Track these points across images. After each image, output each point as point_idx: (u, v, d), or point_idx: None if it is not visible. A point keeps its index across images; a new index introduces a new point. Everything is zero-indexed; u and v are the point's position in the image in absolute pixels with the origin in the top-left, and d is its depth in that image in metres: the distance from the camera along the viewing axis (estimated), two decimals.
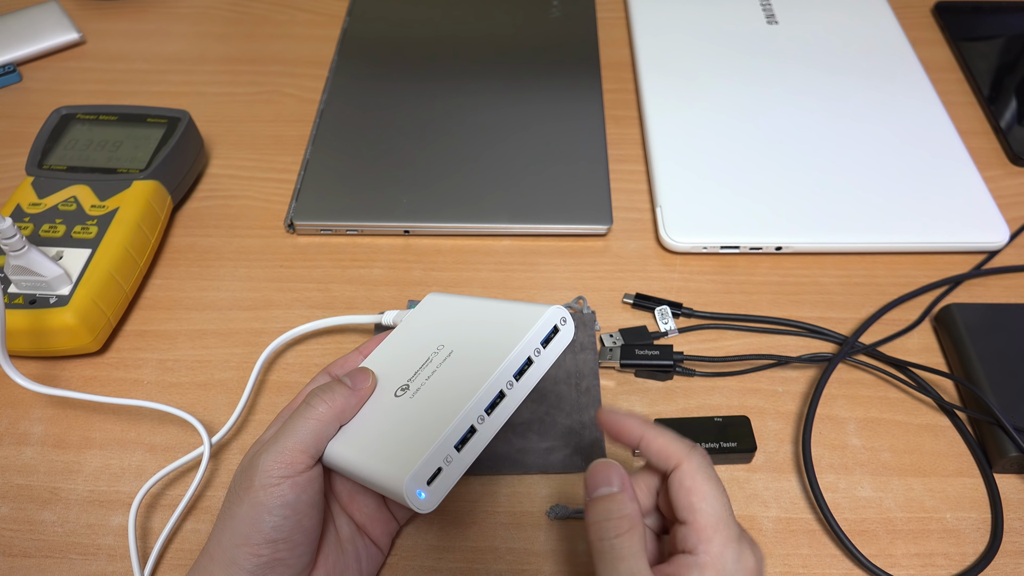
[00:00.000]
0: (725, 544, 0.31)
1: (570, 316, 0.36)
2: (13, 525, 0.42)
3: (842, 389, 0.47)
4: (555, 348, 0.36)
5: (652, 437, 0.34)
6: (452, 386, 0.35)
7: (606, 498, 0.32)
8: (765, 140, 0.58)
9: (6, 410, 0.47)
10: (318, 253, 0.54)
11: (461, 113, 0.61)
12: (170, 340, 0.50)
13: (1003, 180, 0.58)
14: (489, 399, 0.34)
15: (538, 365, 0.35)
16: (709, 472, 0.32)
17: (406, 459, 0.32)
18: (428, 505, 0.32)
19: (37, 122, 0.61)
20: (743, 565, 0.31)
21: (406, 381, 0.37)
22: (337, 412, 0.36)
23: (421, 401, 0.35)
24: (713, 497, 0.32)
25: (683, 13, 0.69)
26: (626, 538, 0.31)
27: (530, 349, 0.35)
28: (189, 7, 0.74)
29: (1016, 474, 0.44)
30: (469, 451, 0.33)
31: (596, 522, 0.32)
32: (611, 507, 0.32)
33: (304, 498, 0.34)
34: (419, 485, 0.32)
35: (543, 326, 0.35)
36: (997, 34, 0.69)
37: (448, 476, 0.33)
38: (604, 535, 0.31)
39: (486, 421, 0.34)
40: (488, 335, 0.36)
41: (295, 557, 0.34)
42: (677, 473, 0.32)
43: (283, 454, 0.34)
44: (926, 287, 0.52)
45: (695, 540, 0.31)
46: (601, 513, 0.32)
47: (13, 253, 0.44)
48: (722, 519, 0.31)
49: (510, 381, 0.34)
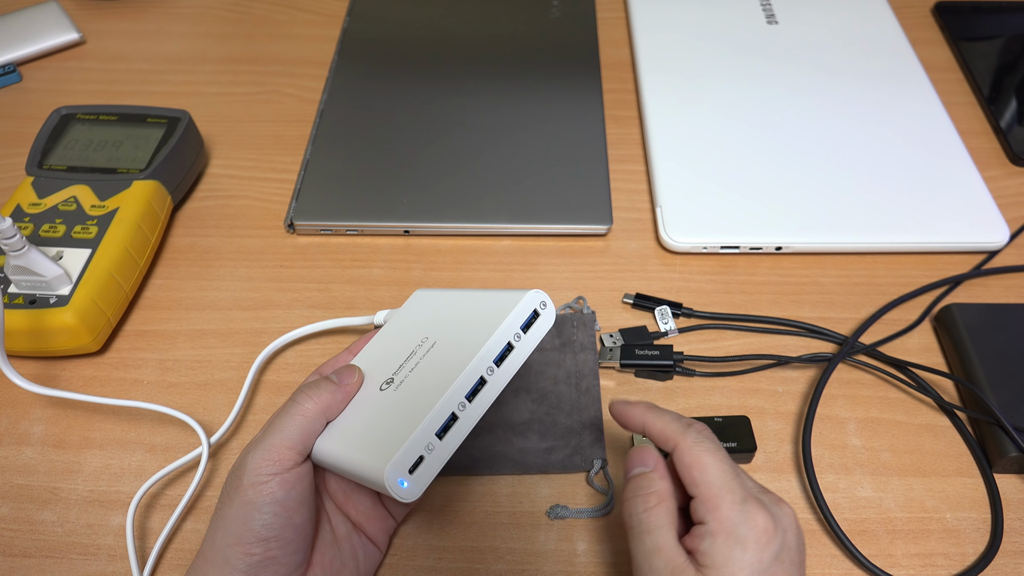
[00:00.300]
0: (730, 508, 0.32)
1: (550, 300, 0.36)
2: (13, 525, 0.42)
3: (842, 389, 0.47)
4: (536, 333, 0.36)
5: (652, 422, 0.35)
6: (433, 375, 0.35)
7: (639, 476, 0.34)
8: (765, 140, 0.58)
9: (6, 410, 0.47)
10: (318, 253, 0.54)
11: (461, 113, 0.61)
12: (170, 340, 0.50)
13: (1003, 180, 0.58)
14: (469, 385, 0.34)
15: (519, 350, 0.35)
16: (707, 444, 0.34)
17: (387, 448, 0.32)
18: (410, 494, 0.32)
19: (37, 122, 0.61)
20: (752, 524, 0.32)
21: (391, 375, 0.37)
22: (323, 407, 0.36)
23: (404, 392, 0.35)
24: (712, 467, 0.33)
25: (683, 13, 0.69)
26: (654, 512, 0.33)
27: (510, 334, 0.35)
28: (189, 7, 0.74)
29: (1016, 474, 0.44)
30: (451, 438, 0.34)
31: (629, 499, 0.34)
32: (642, 483, 0.34)
33: (294, 495, 0.34)
34: (400, 474, 0.32)
35: (522, 311, 0.35)
36: (997, 34, 0.69)
37: (431, 464, 0.33)
38: (634, 509, 0.33)
39: (468, 408, 0.34)
40: (468, 323, 0.36)
41: (287, 555, 0.34)
42: (677, 452, 0.34)
43: (270, 451, 0.34)
44: (926, 287, 0.52)
45: (703, 511, 0.32)
46: (633, 490, 0.34)
47: (13, 253, 0.44)
48: (724, 486, 0.32)
49: (490, 367, 0.34)
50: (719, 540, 0.31)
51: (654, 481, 0.34)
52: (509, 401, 0.45)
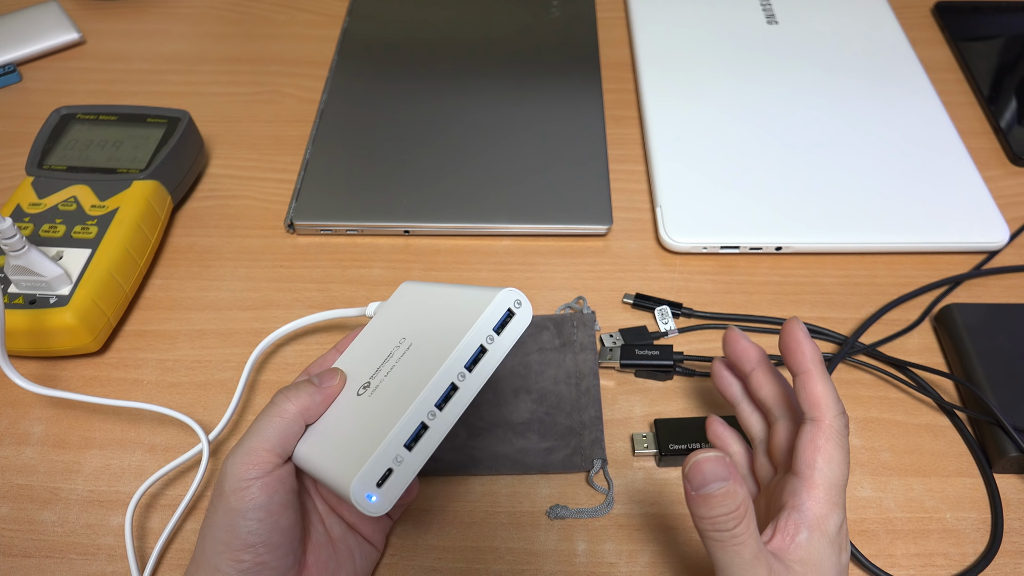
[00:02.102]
0: (832, 508, 0.32)
1: (525, 298, 0.34)
2: (13, 525, 0.42)
3: (842, 389, 0.47)
4: (511, 333, 0.33)
5: (814, 382, 0.34)
6: (403, 382, 0.33)
7: (721, 494, 0.31)
8: (765, 140, 0.58)
9: (6, 410, 0.47)
10: (318, 253, 0.54)
11: (461, 113, 0.61)
12: (170, 340, 0.50)
13: (1003, 180, 0.58)
14: (439, 393, 0.32)
15: (493, 353, 0.33)
16: (842, 440, 0.33)
17: (355, 461, 0.31)
18: (379, 508, 0.31)
19: (37, 122, 0.61)
20: (843, 535, 0.32)
21: (368, 379, 0.36)
22: (301, 409, 0.35)
23: (376, 399, 0.34)
24: (837, 463, 0.32)
25: (683, 13, 0.69)
26: (744, 523, 0.31)
27: (481, 337, 0.33)
28: (189, 7, 0.74)
29: (1016, 474, 0.44)
30: (422, 449, 0.32)
31: (712, 517, 0.31)
32: (727, 501, 0.31)
33: (277, 499, 0.33)
34: (368, 488, 0.31)
35: (494, 312, 0.33)
36: (997, 34, 0.69)
37: (400, 476, 0.31)
38: (722, 527, 0.31)
39: (438, 416, 0.32)
40: (441, 325, 0.34)
41: (277, 559, 0.34)
42: (813, 426, 0.33)
43: (249, 455, 0.33)
44: (926, 287, 0.52)
45: (805, 495, 0.32)
46: (718, 507, 0.31)
47: (13, 253, 0.44)
48: (835, 485, 0.32)
49: (462, 372, 0.32)
50: (814, 535, 0.31)
51: (738, 494, 0.31)
52: (509, 401, 0.45)
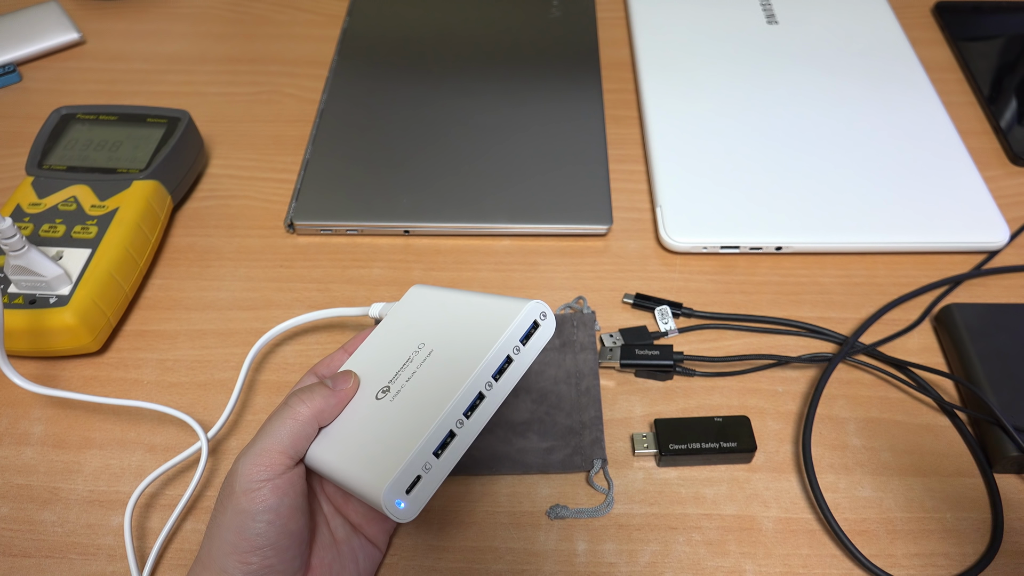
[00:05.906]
0: None
1: (550, 310, 0.35)
2: (13, 525, 0.42)
3: (842, 389, 0.47)
4: (536, 344, 0.34)
5: None
6: (431, 389, 0.34)
7: None
8: (765, 140, 0.58)
9: (6, 410, 0.47)
10: (318, 253, 0.54)
11: (461, 113, 0.61)
12: (170, 340, 0.50)
13: (1003, 180, 0.58)
14: (468, 402, 0.33)
15: (518, 363, 0.34)
16: None
17: (384, 468, 0.31)
18: (408, 514, 0.32)
19: (37, 122, 0.61)
20: None
21: (387, 383, 0.36)
22: (316, 412, 0.35)
23: (401, 405, 0.34)
24: None
25: (683, 13, 0.69)
26: None
27: (509, 348, 0.34)
28: (189, 7, 0.74)
29: (1016, 474, 0.44)
30: (449, 456, 0.33)
31: None
32: None
33: (287, 501, 0.33)
34: (398, 495, 0.31)
35: (521, 323, 0.34)
36: (997, 34, 0.69)
37: (428, 483, 0.32)
38: None
39: (465, 425, 0.33)
40: (466, 334, 0.35)
41: (284, 562, 0.33)
42: None
43: (261, 456, 0.33)
44: (926, 287, 0.52)
45: None
46: None
47: (13, 253, 0.44)
48: None
49: (489, 382, 0.33)
50: None
51: None
52: (509, 401, 0.45)
